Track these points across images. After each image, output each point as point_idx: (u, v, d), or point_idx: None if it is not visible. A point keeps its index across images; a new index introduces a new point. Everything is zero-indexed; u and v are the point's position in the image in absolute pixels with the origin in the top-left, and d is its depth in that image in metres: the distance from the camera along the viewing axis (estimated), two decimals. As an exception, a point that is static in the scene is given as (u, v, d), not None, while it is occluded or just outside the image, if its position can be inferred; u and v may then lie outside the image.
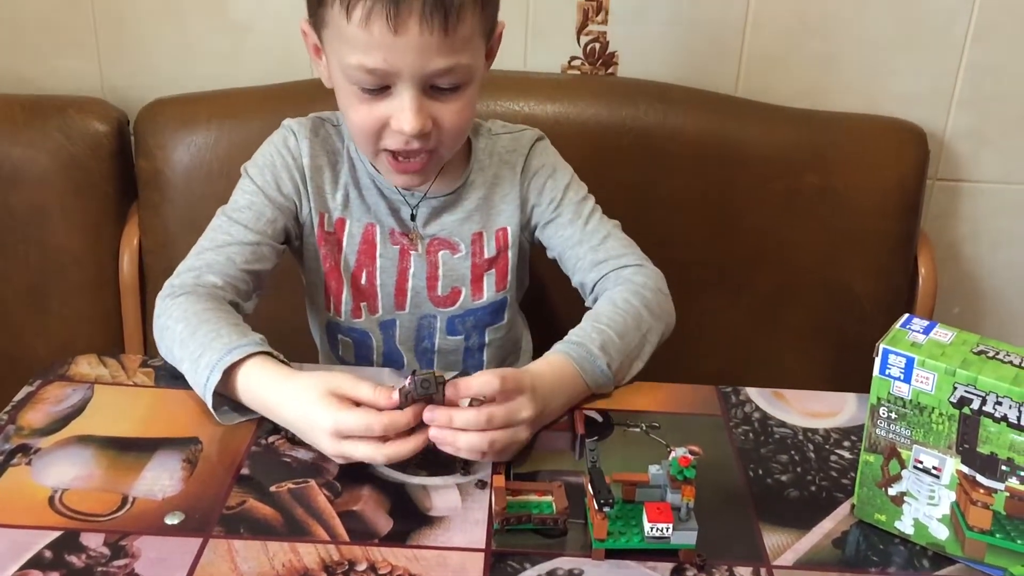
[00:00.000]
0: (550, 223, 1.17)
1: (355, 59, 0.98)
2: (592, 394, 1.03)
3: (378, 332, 1.18)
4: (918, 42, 1.46)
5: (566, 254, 1.17)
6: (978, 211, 1.57)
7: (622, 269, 1.13)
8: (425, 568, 0.81)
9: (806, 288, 1.46)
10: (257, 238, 1.09)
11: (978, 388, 0.78)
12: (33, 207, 1.41)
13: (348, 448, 0.88)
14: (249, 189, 1.12)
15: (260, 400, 0.96)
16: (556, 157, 1.19)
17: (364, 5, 0.94)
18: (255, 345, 0.97)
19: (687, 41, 1.48)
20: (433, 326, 1.18)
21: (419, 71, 0.98)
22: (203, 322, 0.99)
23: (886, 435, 0.85)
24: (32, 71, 1.51)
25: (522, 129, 1.19)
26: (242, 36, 1.48)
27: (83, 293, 1.45)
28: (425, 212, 1.14)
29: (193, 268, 1.07)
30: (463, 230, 1.15)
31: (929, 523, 0.85)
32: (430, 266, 1.15)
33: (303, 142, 1.12)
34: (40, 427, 0.96)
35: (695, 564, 0.83)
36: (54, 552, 0.81)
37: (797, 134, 1.44)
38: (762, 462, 0.96)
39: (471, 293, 1.16)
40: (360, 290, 1.16)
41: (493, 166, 1.16)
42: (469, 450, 0.89)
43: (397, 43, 0.95)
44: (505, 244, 1.16)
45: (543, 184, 1.16)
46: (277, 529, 0.85)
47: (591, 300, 1.15)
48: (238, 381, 0.96)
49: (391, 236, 1.14)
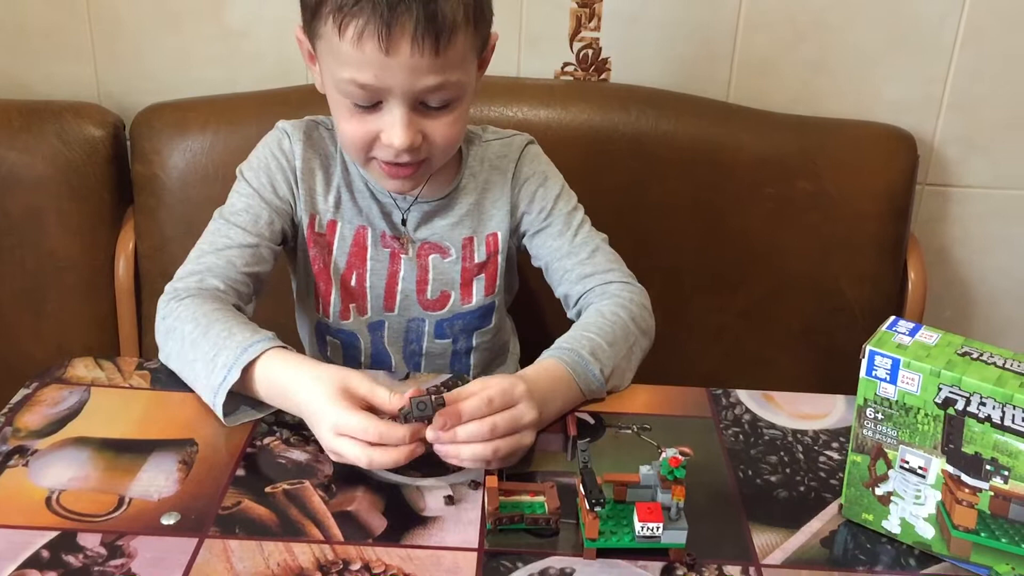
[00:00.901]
0: (539, 232, 1.18)
1: (347, 74, 0.99)
2: (585, 400, 1.04)
3: (366, 333, 1.19)
4: (907, 48, 1.48)
5: (553, 265, 1.17)
6: (967, 216, 1.58)
7: (608, 285, 1.14)
8: (419, 567, 0.82)
9: (797, 292, 1.47)
10: (256, 240, 1.10)
11: (963, 389, 0.80)
12: (29, 211, 1.42)
13: (341, 445, 0.89)
14: (245, 192, 1.13)
15: (278, 387, 0.96)
16: (547, 164, 1.20)
17: (356, 24, 0.95)
18: (270, 340, 0.98)
19: (679, 47, 1.49)
20: (421, 329, 1.19)
21: (409, 89, 0.99)
22: (214, 322, 1.00)
23: (873, 436, 0.86)
24: (29, 76, 1.51)
25: (512, 134, 1.21)
26: (238, 42, 1.49)
27: (79, 297, 1.45)
28: (416, 216, 1.15)
29: (195, 272, 1.08)
30: (454, 235, 1.16)
31: (915, 522, 0.86)
32: (420, 270, 1.16)
33: (296, 144, 1.13)
34: (37, 429, 0.97)
35: (685, 563, 0.84)
36: (51, 552, 0.82)
37: (788, 140, 1.45)
38: (752, 463, 0.97)
39: (460, 297, 1.17)
40: (349, 292, 1.17)
41: (484, 172, 1.17)
42: (473, 459, 0.89)
43: (388, 62, 0.97)
44: (495, 249, 1.17)
45: (534, 192, 1.17)
46: (272, 529, 0.86)
47: (574, 313, 1.16)
48: (256, 374, 0.97)
49: (382, 239, 1.15)
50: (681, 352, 1.47)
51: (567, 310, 1.18)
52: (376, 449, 0.88)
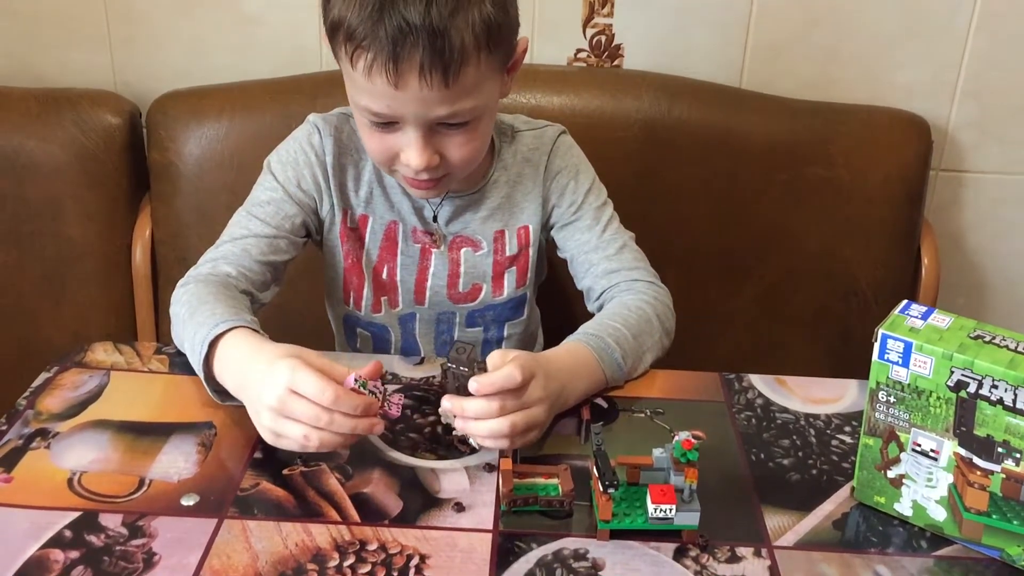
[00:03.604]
0: (568, 225, 1.17)
1: (363, 101, 1.00)
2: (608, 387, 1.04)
3: (397, 326, 1.19)
4: (922, 33, 1.48)
5: (580, 258, 1.17)
6: (981, 201, 1.58)
7: (634, 282, 1.14)
8: (434, 548, 0.83)
9: (810, 277, 1.48)
10: (274, 232, 1.10)
11: (975, 372, 0.80)
12: (47, 199, 1.43)
13: (285, 425, 0.86)
14: (270, 185, 1.13)
15: (232, 369, 0.93)
16: (579, 156, 1.19)
17: (366, 58, 0.95)
18: (241, 321, 0.96)
19: (692, 33, 1.49)
20: (452, 321, 1.19)
21: (422, 118, 0.99)
22: (203, 303, 1.00)
23: (885, 419, 0.87)
24: (46, 65, 1.53)
25: (545, 125, 1.20)
26: (253, 29, 1.50)
27: (96, 283, 1.47)
28: (448, 210, 1.15)
29: (209, 260, 1.09)
30: (485, 228, 1.16)
31: (927, 505, 0.87)
32: (452, 263, 1.16)
33: (327, 140, 1.13)
34: (58, 412, 0.98)
35: (698, 544, 0.85)
36: (74, 532, 0.83)
37: (801, 125, 1.45)
38: (764, 447, 0.97)
39: (492, 290, 1.18)
40: (381, 285, 1.17)
41: (516, 164, 1.16)
42: (491, 435, 0.89)
43: (398, 95, 0.97)
44: (527, 242, 1.17)
45: (565, 185, 1.17)
46: (290, 510, 0.87)
47: (595, 306, 1.16)
48: (216, 355, 0.95)
49: (413, 235, 1.15)
50: (694, 337, 1.47)
51: (588, 303, 1.18)
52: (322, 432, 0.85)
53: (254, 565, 0.81)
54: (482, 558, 0.82)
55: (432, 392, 1.03)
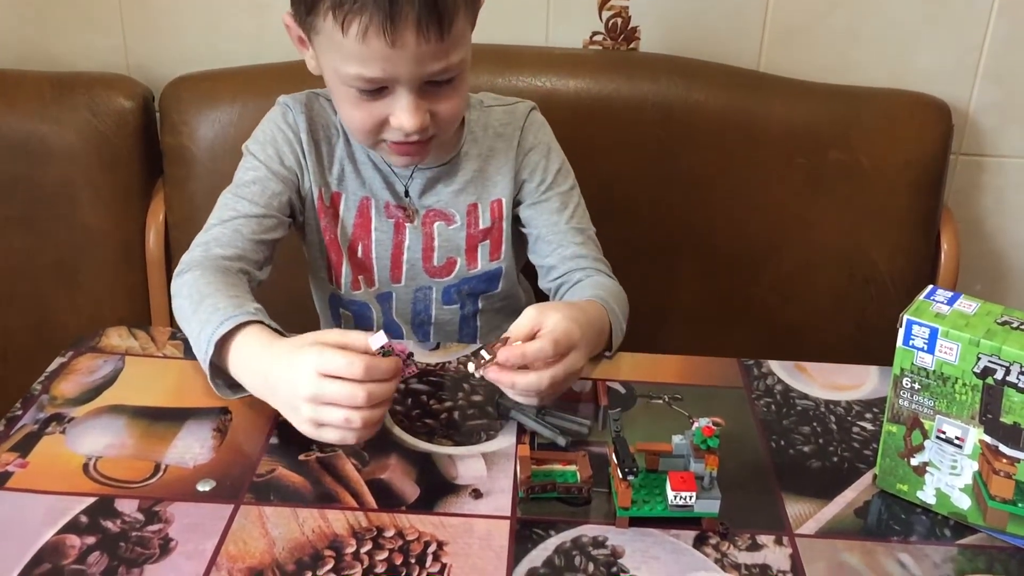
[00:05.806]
0: (535, 204, 1.18)
1: (353, 70, 0.99)
2: (600, 354, 1.05)
3: (376, 305, 1.20)
4: (942, 16, 1.46)
5: (546, 237, 1.17)
6: (1002, 186, 1.56)
7: (598, 273, 1.16)
8: (452, 535, 0.83)
9: (828, 264, 1.46)
10: (262, 211, 1.10)
11: (1002, 358, 0.79)
12: (61, 183, 1.43)
13: (324, 412, 0.85)
14: (252, 165, 1.13)
15: (251, 368, 0.93)
16: (550, 136, 1.20)
17: (360, 21, 0.95)
18: (247, 315, 0.94)
19: (709, 16, 1.47)
20: (429, 297, 1.19)
21: (417, 76, 1.00)
22: (205, 296, 0.98)
23: (909, 406, 0.85)
24: (58, 48, 1.52)
25: (515, 101, 1.21)
26: (266, 13, 1.48)
27: (110, 267, 1.46)
28: (420, 183, 1.15)
29: (200, 244, 1.08)
30: (458, 201, 1.16)
31: (951, 493, 0.86)
32: (425, 237, 1.16)
33: (299, 117, 1.13)
34: (73, 397, 0.98)
35: (718, 532, 0.84)
36: (90, 517, 0.83)
37: (820, 109, 1.43)
38: (784, 433, 0.96)
39: (466, 263, 1.18)
40: (357, 263, 1.17)
41: (488, 139, 1.17)
42: (526, 389, 0.90)
43: (394, 54, 0.97)
44: (499, 215, 1.17)
45: (537, 162, 1.18)
46: (306, 497, 0.86)
47: (553, 283, 1.17)
48: (230, 354, 0.94)
49: (386, 209, 1.16)
50: (712, 324, 1.47)
51: (542, 279, 1.19)
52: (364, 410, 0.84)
53: (271, 551, 0.80)
54: (500, 545, 0.82)
55: (448, 378, 1.02)
